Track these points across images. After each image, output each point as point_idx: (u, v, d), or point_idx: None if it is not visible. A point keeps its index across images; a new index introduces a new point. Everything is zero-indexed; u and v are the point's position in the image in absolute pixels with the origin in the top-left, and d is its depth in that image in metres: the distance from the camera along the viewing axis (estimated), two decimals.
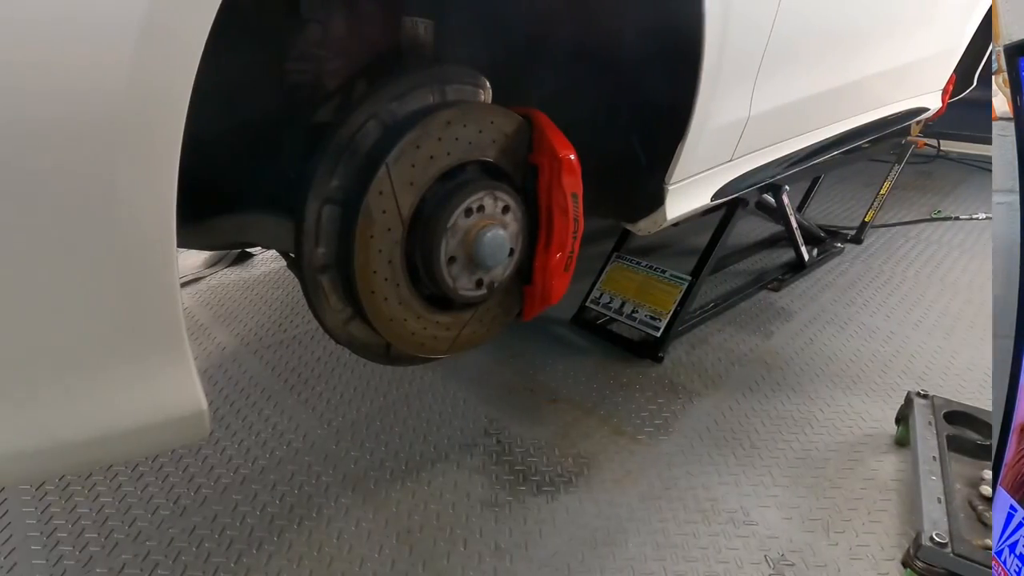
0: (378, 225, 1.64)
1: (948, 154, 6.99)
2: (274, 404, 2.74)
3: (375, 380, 2.92)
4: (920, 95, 4.27)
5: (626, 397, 2.82)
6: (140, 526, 2.10)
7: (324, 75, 2.02)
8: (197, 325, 3.42)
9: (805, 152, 3.20)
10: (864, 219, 4.74)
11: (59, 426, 1.15)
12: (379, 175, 1.60)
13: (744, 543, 2.07)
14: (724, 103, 2.27)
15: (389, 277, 1.73)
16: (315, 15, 1.92)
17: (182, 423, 1.29)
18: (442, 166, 1.73)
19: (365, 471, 2.35)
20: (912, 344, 3.28)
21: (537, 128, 1.89)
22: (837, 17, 2.75)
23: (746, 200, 3.23)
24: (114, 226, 1.05)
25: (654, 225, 2.47)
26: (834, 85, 3.01)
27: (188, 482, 2.28)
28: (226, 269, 4.17)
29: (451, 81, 1.80)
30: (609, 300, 3.27)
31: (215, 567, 1.97)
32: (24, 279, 1.01)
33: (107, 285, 1.09)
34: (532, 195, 1.96)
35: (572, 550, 2.04)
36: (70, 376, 1.14)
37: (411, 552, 2.02)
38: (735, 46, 2.14)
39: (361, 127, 1.65)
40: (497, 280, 1.93)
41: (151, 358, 1.21)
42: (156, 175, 1.07)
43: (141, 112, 1.01)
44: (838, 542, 2.08)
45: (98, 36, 0.95)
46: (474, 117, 1.76)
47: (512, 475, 2.34)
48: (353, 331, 1.82)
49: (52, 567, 1.96)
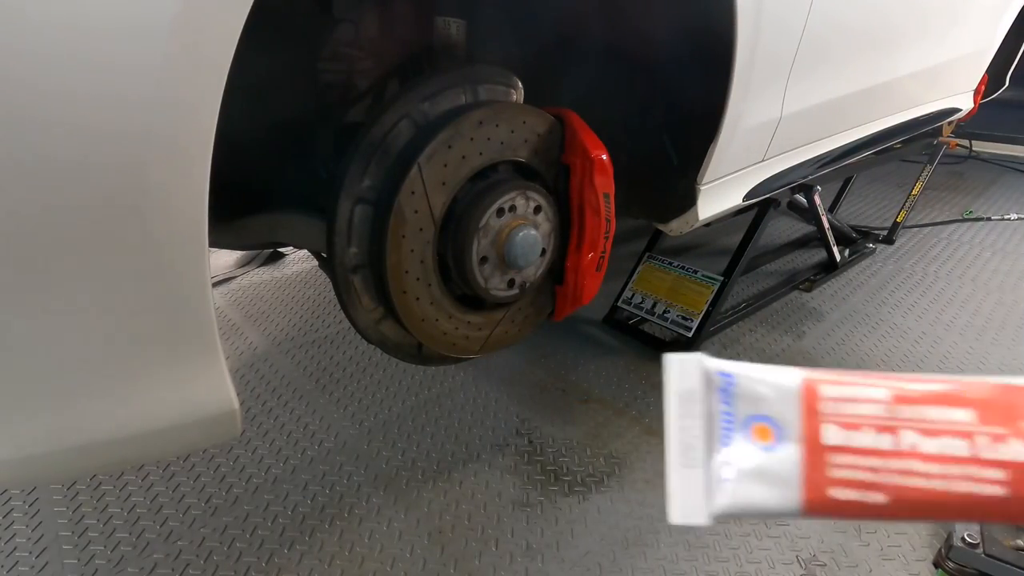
0: (410, 225, 1.64)
1: (980, 155, 6.93)
2: (306, 404, 2.74)
3: (407, 380, 2.92)
4: (952, 95, 4.25)
5: (658, 397, 2.81)
6: (171, 526, 2.10)
7: (356, 75, 2.02)
8: (229, 325, 3.43)
9: (837, 152, 3.19)
10: (896, 220, 4.71)
11: (91, 426, 1.16)
12: (411, 175, 1.60)
13: (775, 543, 2.06)
14: (756, 103, 2.26)
15: (421, 277, 1.73)
16: (347, 15, 1.93)
17: (214, 423, 1.29)
18: (474, 166, 1.73)
19: (396, 471, 2.35)
20: (944, 345, 3.26)
21: (569, 128, 1.89)
22: (869, 17, 2.73)
23: (778, 200, 3.21)
24: (146, 226, 1.05)
25: (686, 225, 2.46)
26: (866, 86, 2.99)
27: (219, 482, 2.29)
28: (258, 269, 4.18)
29: (483, 81, 1.80)
30: (641, 300, 3.26)
31: (246, 567, 1.97)
32: (57, 280, 1.02)
33: (139, 285, 1.10)
34: (564, 195, 1.96)
35: (603, 550, 2.03)
36: (102, 376, 1.14)
37: (442, 552, 2.02)
38: (767, 46, 2.13)
39: (393, 127, 1.65)
40: (529, 280, 1.92)
41: (183, 358, 1.22)
42: (188, 175, 1.07)
43: (173, 112, 1.02)
44: (869, 542, 2.06)
45: (130, 36, 0.95)
46: (506, 117, 1.76)
47: (544, 475, 2.34)
48: (385, 331, 1.83)
49: (83, 567, 1.96)
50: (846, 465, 0.41)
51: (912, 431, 0.39)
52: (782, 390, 0.43)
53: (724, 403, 0.43)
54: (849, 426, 0.41)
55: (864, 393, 0.41)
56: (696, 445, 0.43)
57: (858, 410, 0.41)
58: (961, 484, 0.38)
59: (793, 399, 0.42)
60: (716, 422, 0.43)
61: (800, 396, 0.42)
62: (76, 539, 2.05)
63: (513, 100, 1.87)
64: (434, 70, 1.87)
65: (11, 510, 2.15)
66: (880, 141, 3.56)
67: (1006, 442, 0.38)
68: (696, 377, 0.43)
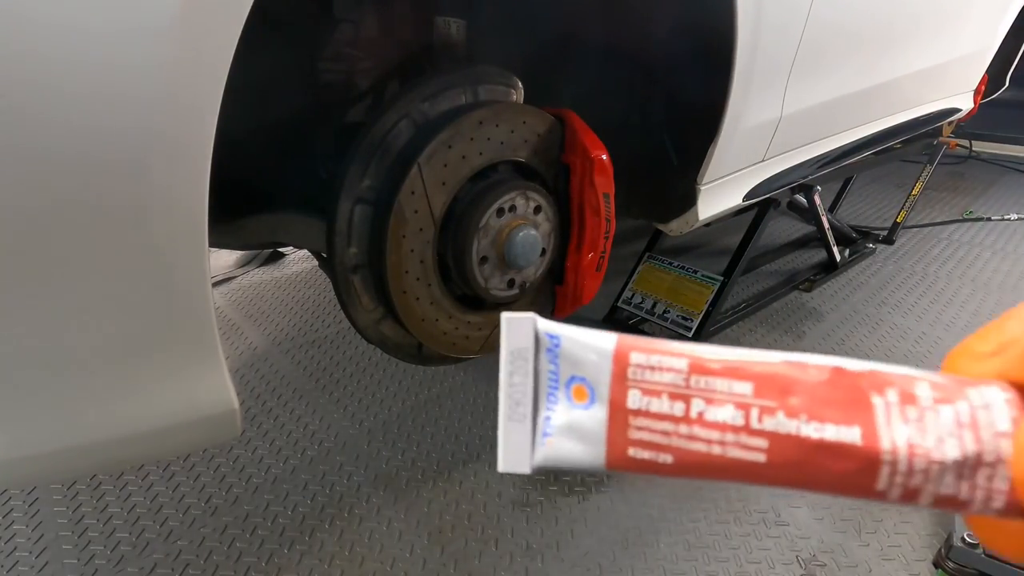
0: (410, 225, 1.64)
1: (980, 155, 6.93)
2: (305, 404, 2.74)
3: (407, 380, 2.92)
4: (952, 96, 4.25)
5: None
6: (171, 525, 2.11)
7: (356, 75, 2.02)
8: (229, 325, 3.43)
9: (837, 153, 3.19)
10: (896, 220, 4.71)
11: (91, 426, 1.16)
12: (411, 175, 1.61)
13: (775, 543, 2.06)
14: (756, 103, 2.26)
15: (421, 277, 1.73)
16: (348, 15, 1.93)
17: (213, 422, 1.29)
18: (474, 166, 1.73)
19: (396, 471, 2.35)
20: (944, 345, 3.25)
21: (569, 128, 1.89)
22: (869, 18, 2.73)
23: (778, 200, 3.21)
24: (147, 226, 1.05)
25: (686, 225, 2.46)
26: (866, 86, 2.99)
27: (219, 482, 2.29)
28: (258, 269, 4.18)
29: (483, 81, 1.80)
30: (641, 300, 3.26)
31: (246, 567, 1.97)
32: (57, 280, 1.02)
33: (139, 285, 1.10)
34: (564, 195, 1.96)
35: (603, 550, 2.04)
36: (102, 376, 1.14)
37: (442, 552, 2.02)
38: (768, 46, 2.13)
39: (393, 127, 1.65)
40: (529, 280, 1.93)
41: (183, 357, 1.22)
42: (188, 175, 1.07)
43: (173, 112, 1.02)
44: (869, 542, 2.06)
45: (130, 36, 0.95)
46: (506, 117, 1.76)
47: (543, 475, 2.33)
48: (385, 331, 1.83)
49: (83, 566, 1.97)
50: (643, 428, 0.43)
51: (700, 400, 0.42)
52: (598, 355, 0.45)
53: (551, 363, 0.45)
54: (649, 392, 0.43)
55: (666, 362, 0.43)
56: (524, 401, 0.45)
57: (659, 378, 0.43)
58: (733, 450, 0.41)
59: (606, 365, 0.44)
60: (543, 380, 0.45)
61: (612, 362, 0.44)
62: (76, 539, 2.05)
63: (513, 100, 1.87)
64: (434, 70, 1.87)
65: (11, 510, 2.16)
66: (880, 141, 3.57)
67: (773, 415, 0.40)
68: (528, 337, 0.45)
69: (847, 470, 0.39)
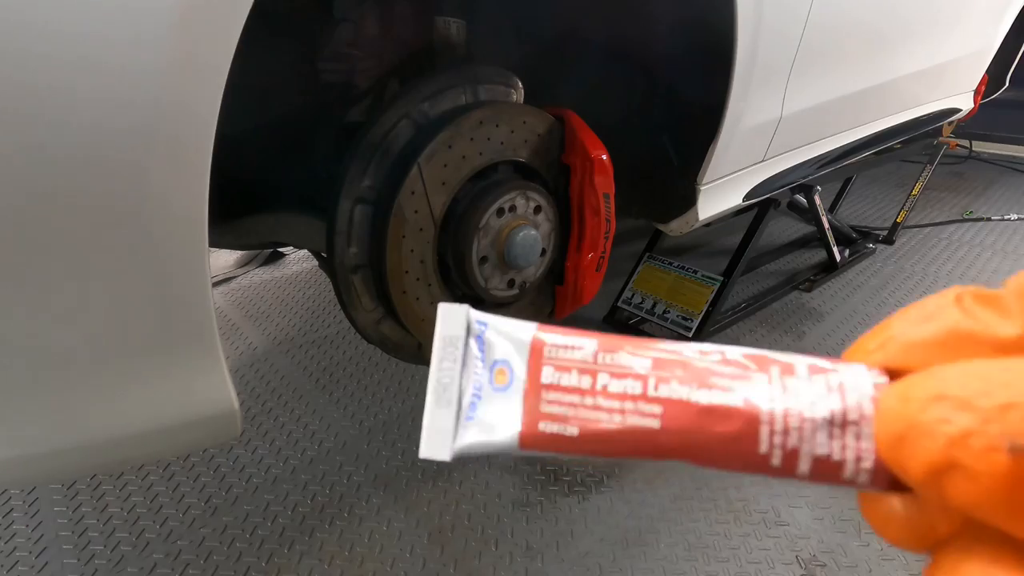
0: (410, 225, 1.64)
1: (980, 155, 6.93)
2: (306, 404, 2.74)
3: (407, 380, 2.92)
4: (952, 96, 4.25)
5: None
6: (171, 525, 2.11)
7: (356, 75, 2.02)
8: (229, 325, 3.43)
9: (837, 153, 3.19)
10: (896, 220, 4.71)
11: (91, 425, 1.16)
12: (411, 175, 1.60)
13: (775, 543, 2.06)
14: (756, 103, 2.26)
15: (421, 277, 1.73)
16: (347, 15, 1.93)
17: (213, 423, 1.29)
18: (474, 166, 1.73)
19: (396, 471, 2.35)
20: None
21: (569, 128, 1.89)
22: (869, 18, 2.73)
23: (778, 200, 3.21)
24: (147, 226, 1.05)
25: (686, 225, 2.46)
26: (866, 86, 2.99)
27: (219, 482, 2.29)
28: (258, 269, 4.18)
29: (483, 81, 1.80)
30: (641, 300, 3.26)
31: (246, 566, 1.97)
32: (57, 280, 1.02)
33: (138, 284, 1.10)
34: (564, 195, 1.96)
35: (603, 550, 2.03)
36: (101, 375, 1.14)
37: (442, 552, 2.02)
38: (768, 46, 2.13)
39: (393, 127, 1.65)
40: (529, 280, 1.93)
41: (183, 357, 1.22)
42: (188, 174, 1.07)
43: (173, 112, 1.01)
44: (869, 542, 2.06)
45: (130, 36, 0.95)
46: (506, 117, 1.76)
47: (543, 475, 2.34)
48: (385, 331, 1.83)
49: (83, 566, 1.97)
50: (554, 402, 0.44)
51: (606, 373, 0.43)
52: (519, 339, 0.46)
53: (479, 349, 0.47)
54: (561, 368, 0.44)
55: (579, 343, 0.45)
56: (451, 387, 0.46)
57: (571, 355, 0.44)
58: (632, 418, 0.42)
59: (525, 346, 0.46)
60: (471, 366, 0.46)
61: (531, 343, 0.45)
62: (76, 539, 2.05)
63: (513, 100, 1.87)
64: (434, 70, 1.87)
65: (11, 510, 2.16)
66: (880, 141, 3.57)
67: (668, 383, 0.42)
68: (460, 325, 0.47)
69: (731, 431, 0.41)
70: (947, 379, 0.33)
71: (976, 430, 0.30)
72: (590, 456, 0.44)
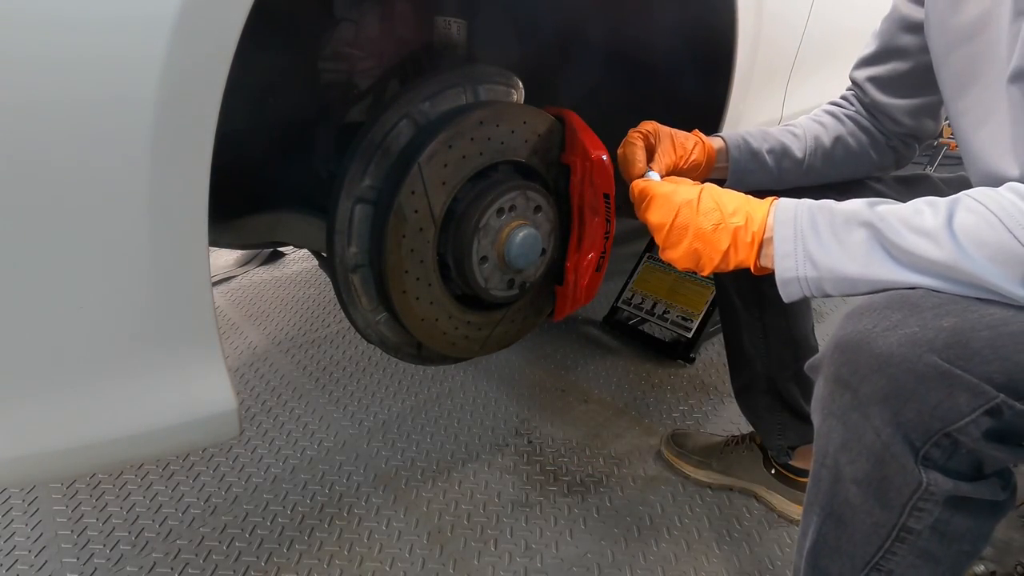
0: (410, 224, 1.64)
1: None
2: (305, 403, 2.74)
3: (406, 380, 2.92)
4: None
5: (657, 398, 2.82)
6: (170, 525, 2.11)
7: (356, 74, 2.02)
8: (228, 324, 3.43)
9: None
10: None
11: (90, 425, 1.16)
12: (411, 174, 1.60)
13: (775, 543, 2.06)
14: (756, 105, 2.27)
15: (421, 277, 1.72)
16: (348, 15, 1.93)
17: (213, 422, 1.29)
18: (474, 166, 1.72)
19: (396, 470, 2.36)
20: None
21: (569, 128, 1.89)
22: (869, 19, 2.73)
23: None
24: (146, 224, 1.05)
25: None
26: None
27: (219, 481, 2.29)
28: (258, 268, 4.19)
29: (484, 81, 1.79)
30: (641, 300, 3.26)
31: (245, 566, 1.97)
32: (57, 279, 1.02)
33: (138, 283, 1.10)
34: (564, 195, 1.95)
35: (602, 550, 2.04)
36: (102, 375, 1.14)
37: (441, 552, 2.02)
38: (768, 47, 2.14)
39: (393, 126, 1.65)
40: (529, 280, 1.92)
41: (182, 357, 1.22)
42: (188, 173, 1.07)
43: (173, 110, 1.02)
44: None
45: (130, 36, 0.95)
46: (507, 117, 1.76)
47: (543, 475, 2.34)
48: (384, 330, 1.82)
49: (82, 566, 1.97)
50: None
51: None
52: None
53: None
54: None
55: None
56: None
57: None
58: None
59: None
60: None
61: None
62: (75, 538, 2.05)
63: (513, 100, 1.87)
64: (434, 70, 1.87)
65: (10, 509, 2.16)
66: None
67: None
68: None
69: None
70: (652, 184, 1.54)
71: (639, 186, 1.57)
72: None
